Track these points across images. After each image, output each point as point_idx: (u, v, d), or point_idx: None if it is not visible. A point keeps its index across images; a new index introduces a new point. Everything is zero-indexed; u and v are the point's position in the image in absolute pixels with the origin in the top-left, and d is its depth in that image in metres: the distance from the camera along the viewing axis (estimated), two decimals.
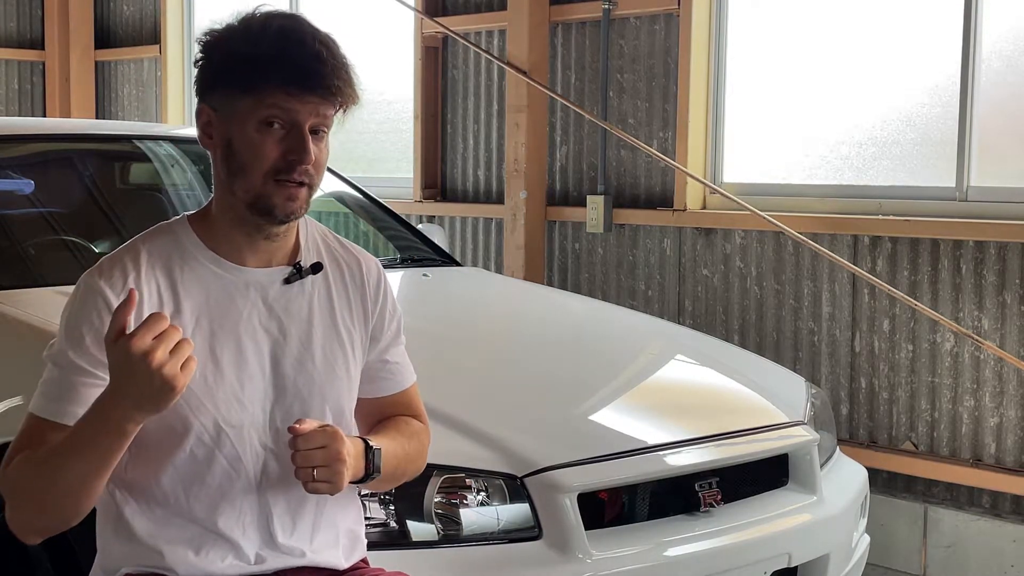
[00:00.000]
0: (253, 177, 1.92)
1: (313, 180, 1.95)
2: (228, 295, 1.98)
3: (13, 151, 4.01)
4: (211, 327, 1.96)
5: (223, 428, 1.94)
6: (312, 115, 1.91)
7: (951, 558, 4.63)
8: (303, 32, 1.93)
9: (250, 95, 1.90)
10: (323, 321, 2.05)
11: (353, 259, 2.14)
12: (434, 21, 6.20)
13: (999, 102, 4.65)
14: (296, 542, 2.02)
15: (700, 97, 5.43)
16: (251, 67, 1.89)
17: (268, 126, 1.90)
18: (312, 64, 1.89)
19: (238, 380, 1.96)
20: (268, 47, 1.89)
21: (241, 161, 1.93)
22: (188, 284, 1.96)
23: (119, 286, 1.91)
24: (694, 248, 5.41)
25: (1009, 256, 4.46)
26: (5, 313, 3.13)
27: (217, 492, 1.96)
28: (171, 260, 1.97)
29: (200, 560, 1.96)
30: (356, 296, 2.10)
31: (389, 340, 2.15)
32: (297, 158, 1.91)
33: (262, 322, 1.99)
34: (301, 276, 2.03)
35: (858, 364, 4.89)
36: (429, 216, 6.46)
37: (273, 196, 1.92)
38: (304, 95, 1.89)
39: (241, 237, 1.98)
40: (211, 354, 1.94)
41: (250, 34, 1.92)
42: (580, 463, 2.79)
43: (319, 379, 2.02)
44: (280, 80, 1.88)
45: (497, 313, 3.93)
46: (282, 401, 2.00)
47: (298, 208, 1.95)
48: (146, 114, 8.46)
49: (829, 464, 3.44)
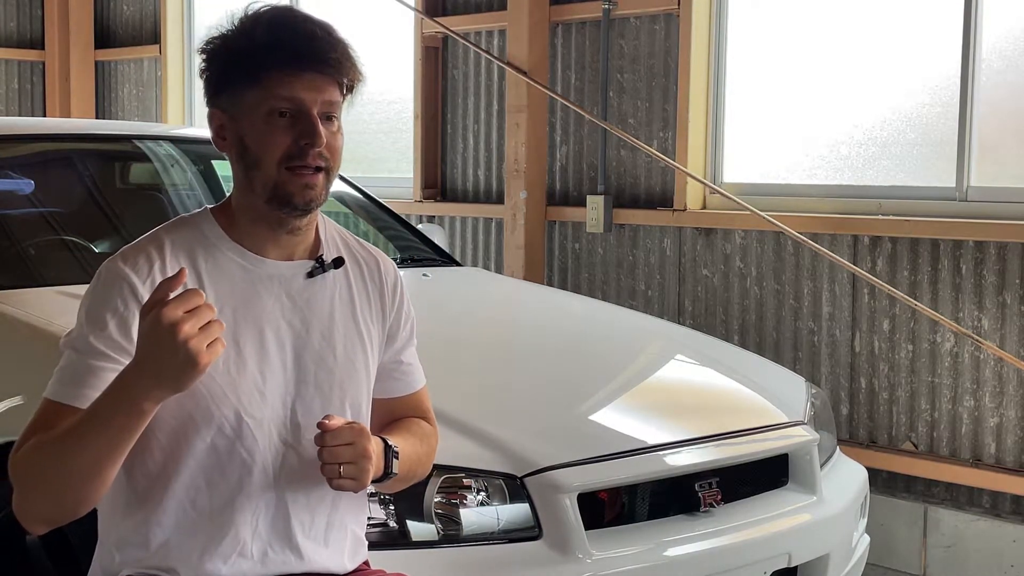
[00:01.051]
0: (268, 168, 1.92)
1: (329, 164, 1.95)
2: (252, 286, 1.98)
3: (13, 151, 4.01)
4: (235, 317, 1.95)
5: (244, 420, 1.93)
6: (318, 97, 1.92)
7: (951, 558, 4.63)
8: (294, 17, 1.95)
9: (254, 88, 1.92)
10: (344, 317, 2.05)
11: (371, 258, 2.14)
12: (434, 21, 6.20)
13: (999, 102, 4.65)
14: (311, 540, 2.01)
15: (700, 97, 5.43)
16: (249, 59, 1.92)
17: (276, 116, 1.92)
18: (306, 43, 1.91)
19: (260, 372, 1.96)
20: (262, 36, 1.92)
21: (255, 154, 1.93)
22: (212, 273, 1.96)
23: (144, 272, 1.91)
24: (694, 248, 5.41)
25: (1009, 256, 4.46)
26: (5, 313, 3.13)
27: (236, 486, 1.95)
28: (195, 250, 1.97)
29: (206, 562, 1.95)
30: (375, 294, 2.11)
31: (404, 341, 2.16)
32: (309, 141, 1.92)
33: (285, 315, 1.99)
34: (324, 270, 2.04)
35: (858, 364, 4.89)
36: (429, 216, 6.46)
37: (289, 184, 1.92)
38: (303, 73, 1.91)
39: (264, 231, 1.99)
40: (235, 344, 1.93)
41: (244, 30, 1.94)
42: (580, 463, 2.79)
43: (339, 374, 2.02)
44: (277, 64, 1.90)
45: (497, 313, 3.93)
46: (302, 396, 1.99)
47: (317, 195, 1.95)
48: (146, 114, 8.46)
49: (829, 464, 3.44)
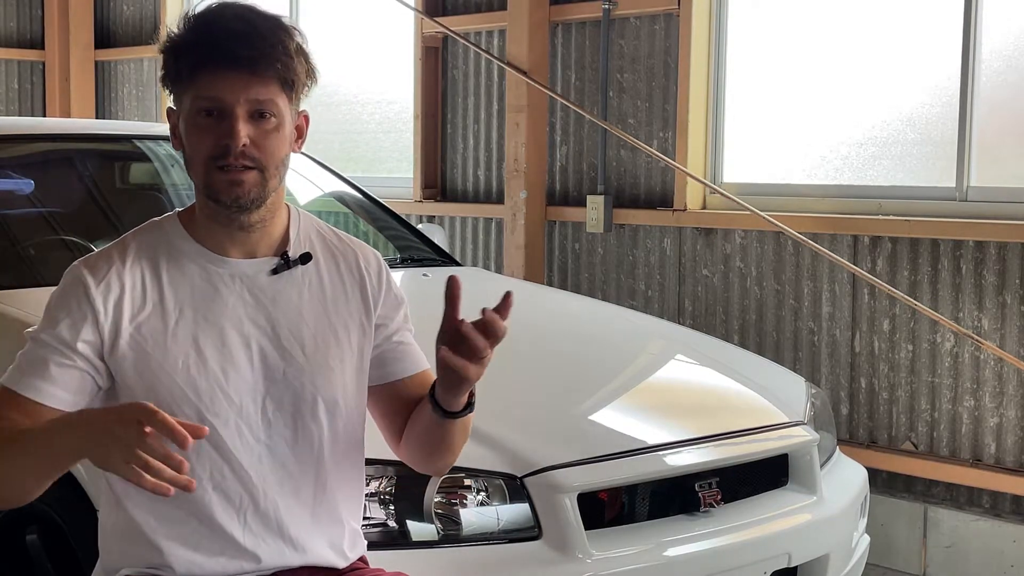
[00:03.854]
0: (198, 167, 1.95)
1: (260, 164, 1.93)
2: (213, 286, 1.99)
3: (13, 151, 4.01)
4: (195, 317, 1.97)
5: (207, 419, 1.93)
6: (241, 96, 1.91)
7: (951, 558, 4.63)
8: (223, 15, 1.94)
9: (184, 88, 1.94)
10: (314, 312, 2.04)
11: (350, 251, 2.13)
12: (434, 21, 6.20)
13: (999, 102, 4.65)
14: (303, 531, 2.01)
15: (700, 97, 5.43)
16: (176, 58, 1.94)
17: (203, 115, 1.92)
18: (224, 40, 1.90)
19: (222, 370, 1.96)
20: (189, 35, 1.93)
21: (189, 154, 1.97)
22: (173, 276, 1.99)
23: (101, 275, 1.96)
24: (694, 248, 5.41)
25: (1009, 256, 4.46)
26: (5, 313, 3.13)
27: (210, 485, 1.95)
28: (157, 253, 2.00)
29: (198, 557, 1.96)
30: (354, 287, 2.09)
31: (399, 324, 2.14)
32: (227, 142, 1.91)
33: (248, 313, 1.99)
34: (288, 267, 2.03)
35: (858, 364, 4.89)
36: (429, 216, 6.46)
37: (217, 182, 1.93)
38: (220, 72, 1.90)
39: (220, 229, 2.00)
40: (194, 344, 1.95)
41: (182, 29, 1.96)
42: (580, 463, 2.78)
43: (309, 370, 2.01)
44: (197, 62, 1.91)
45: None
46: (273, 393, 1.99)
47: (245, 192, 1.93)
48: (146, 114, 8.45)
49: (829, 464, 3.44)
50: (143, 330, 1.94)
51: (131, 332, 1.94)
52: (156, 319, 1.96)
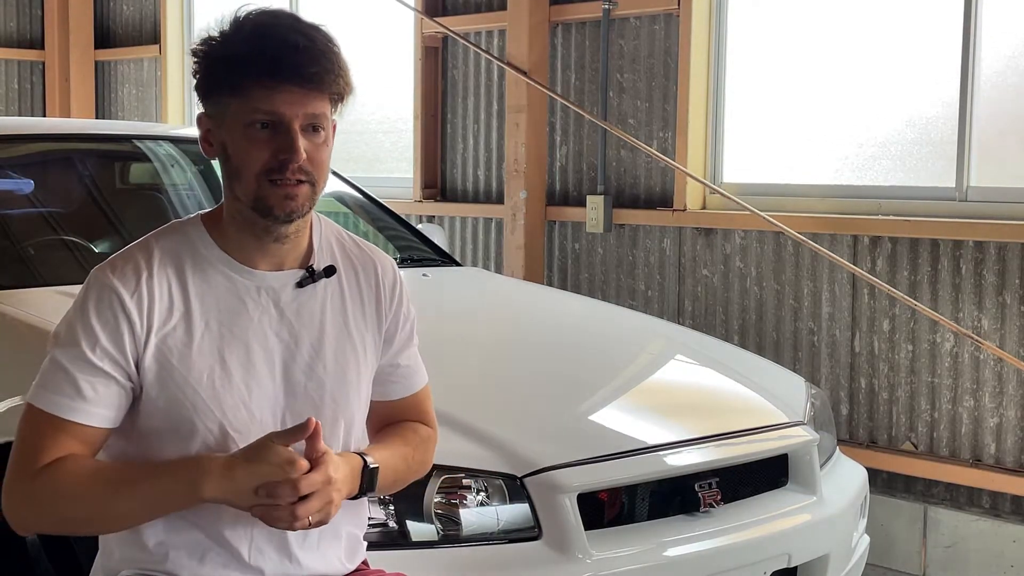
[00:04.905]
0: (248, 179, 1.90)
1: (313, 178, 1.92)
2: (239, 299, 1.96)
3: (13, 151, 4.01)
4: (220, 331, 1.93)
5: (229, 433, 1.91)
6: (299, 110, 1.88)
7: (951, 558, 4.63)
8: (279, 25, 1.90)
9: (235, 97, 1.89)
10: (335, 326, 2.02)
11: (368, 260, 2.11)
12: (434, 21, 6.20)
13: (999, 102, 4.65)
14: (306, 549, 2.00)
15: (700, 97, 5.43)
16: (229, 68, 1.89)
17: (256, 128, 1.89)
18: (287, 54, 1.86)
19: (246, 386, 1.94)
20: (243, 45, 1.88)
21: (235, 165, 1.91)
22: (198, 286, 1.94)
23: (132, 285, 1.90)
24: (694, 248, 5.41)
25: (1009, 256, 4.46)
26: (5, 313, 3.13)
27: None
28: (183, 260, 1.95)
29: (204, 569, 1.94)
30: (370, 298, 2.08)
31: (402, 342, 2.13)
32: (287, 156, 1.88)
33: (273, 327, 1.97)
34: (314, 280, 2.01)
35: (858, 364, 4.89)
36: (429, 216, 6.46)
37: (270, 197, 1.89)
38: (282, 86, 1.87)
39: (251, 240, 1.96)
40: (220, 358, 1.92)
41: (227, 37, 1.91)
42: (580, 463, 2.78)
43: (330, 385, 2.00)
44: (256, 75, 1.86)
45: (497, 313, 3.92)
46: (293, 408, 1.97)
47: (298, 206, 1.91)
48: (146, 114, 8.45)
49: (829, 464, 3.44)
50: (168, 341, 1.91)
51: (156, 343, 1.90)
52: (182, 331, 1.92)
